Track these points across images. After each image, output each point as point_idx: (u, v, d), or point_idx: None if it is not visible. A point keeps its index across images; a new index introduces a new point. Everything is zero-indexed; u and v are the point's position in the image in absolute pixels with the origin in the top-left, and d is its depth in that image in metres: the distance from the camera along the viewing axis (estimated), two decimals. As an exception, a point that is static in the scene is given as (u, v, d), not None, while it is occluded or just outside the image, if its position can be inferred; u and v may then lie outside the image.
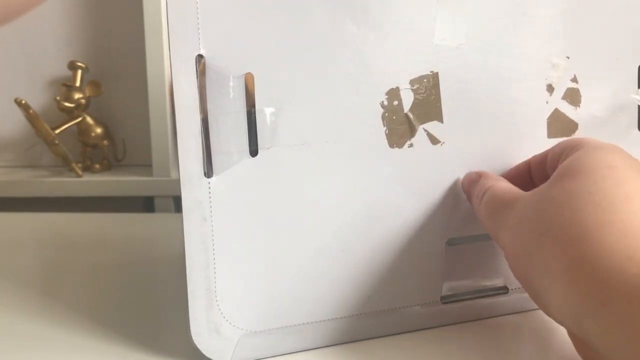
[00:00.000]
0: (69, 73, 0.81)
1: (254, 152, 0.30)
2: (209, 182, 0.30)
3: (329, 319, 0.33)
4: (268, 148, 0.30)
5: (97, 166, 0.83)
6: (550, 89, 0.34)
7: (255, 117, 0.30)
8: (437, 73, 0.32)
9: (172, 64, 0.29)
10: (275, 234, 0.31)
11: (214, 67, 0.29)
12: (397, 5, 0.31)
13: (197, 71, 0.29)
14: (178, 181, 0.30)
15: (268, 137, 0.30)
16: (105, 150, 0.83)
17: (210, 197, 0.30)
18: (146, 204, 0.82)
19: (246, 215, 0.30)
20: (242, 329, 0.31)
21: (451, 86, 0.32)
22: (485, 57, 0.33)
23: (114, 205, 0.80)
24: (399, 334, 0.34)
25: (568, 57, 0.34)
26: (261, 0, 0.29)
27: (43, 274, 0.49)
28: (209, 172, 0.30)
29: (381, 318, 0.34)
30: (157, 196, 0.79)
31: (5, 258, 0.54)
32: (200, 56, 0.29)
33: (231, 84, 0.29)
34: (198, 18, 0.28)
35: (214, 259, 0.30)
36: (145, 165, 0.81)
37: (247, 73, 0.29)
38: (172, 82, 0.29)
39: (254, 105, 0.30)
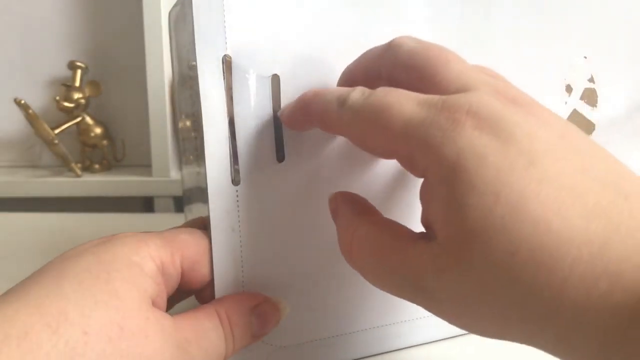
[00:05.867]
0: (69, 73, 0.80)
1: (281, 157, 0.29)
2: (237, 190, 0.28)
3: (360, 330, 0.32)
4: (295, 152, 0.29)
5: (97, 166, 0.82)
6: (569, 89, 0.34)
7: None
8: (460, 74, 0.32)
9: (197, 66, 0.27)
10: (304, 243, 0.30)
11: (241, 67, 0.28)
12: (425, 3, 0.31)
13: (223, 72, 0.27)
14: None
15: (295, 141, 0.29)
16: (105, 150, 0.83)
17: (238, 206, 0.28)
18: (146, 204, 0.81)
19: (274, 224, 0.29)
20: (271, 345, 0.30)
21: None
22: (506, 57, 0.33)
23: (114, 205, 0.79)
24: (430, 343, 0.34)
25: (585, 57, 0.34)
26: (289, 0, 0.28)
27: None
28: (236, 179, 0.28)
29: (412, 326, 0.33)
30: (157, 196, 0.79)
31: (5, 258, 0.53)
32: (226, 57, 0.27)
33: (258, 85, 0.28)
34: (224, 17, 0.27)
35: (243, 270, 0.29)
36: (144, 166, 0.81)
37: (273, 74, 0.28)
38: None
39: (281, 108, 0.28)
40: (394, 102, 0.22)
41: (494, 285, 0.20)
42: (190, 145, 0.36)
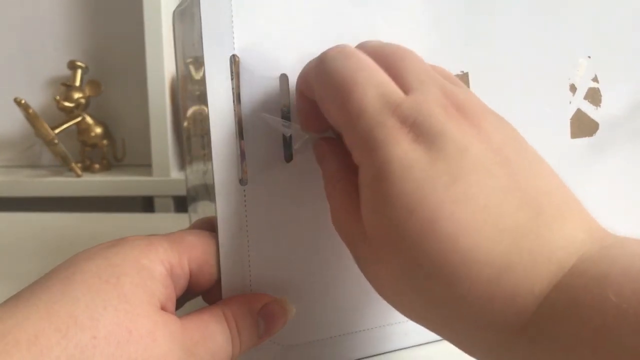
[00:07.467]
0: (69, 72, 0.80)
1: (288, 156, 0.29)
2: (244, 190, 0.28)
3: (366, 329, 0.32)
4: (303, 152, 0.29)
5: (97, 166, 0.82)
6: (573, 88, 0.34)
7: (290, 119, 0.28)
8: (467, 73, 0.32)
9: (205, 65, 0.27)
10: (311, 243, 0.30)
11: (249, 67, 0.27)
12: (430, 4, 0.31)
13: (231, 72, 0.27)
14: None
15: (303, 140, 0.29)
16: (105, 150, 0.83)
17: (245, 206, 0.28)
18: (146, 204, 0.81)
19: (281, 223, 0.29)
20: (279, 344, 0.30)
21: (480, 86, 0.32)
22: (514, 57, 0.33)
23: (114, 205, 0.79)
24: (439, 340, 0.33)
25: (589, 57, 0.35)
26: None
27: (42, 274, 0.49)
28: (244, 179, 0.28)
29: (419, 325, 0.33)
30: (157, 196, 0.79)
31: (4, 258, 0.53)
32: (234, 57, 0.27)
33: (266, 85, 0.28)
34: (232, 17, 0.27)
35: (250, 270, 0.29)
36: (144, 165, 0.81)
37: (282, 74, 0.28)
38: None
39: (288, 108, 0.28)
40: (360, 82, 0.23)
41: (401, 286, 0.22)
42: (197, 143, 0.36)
